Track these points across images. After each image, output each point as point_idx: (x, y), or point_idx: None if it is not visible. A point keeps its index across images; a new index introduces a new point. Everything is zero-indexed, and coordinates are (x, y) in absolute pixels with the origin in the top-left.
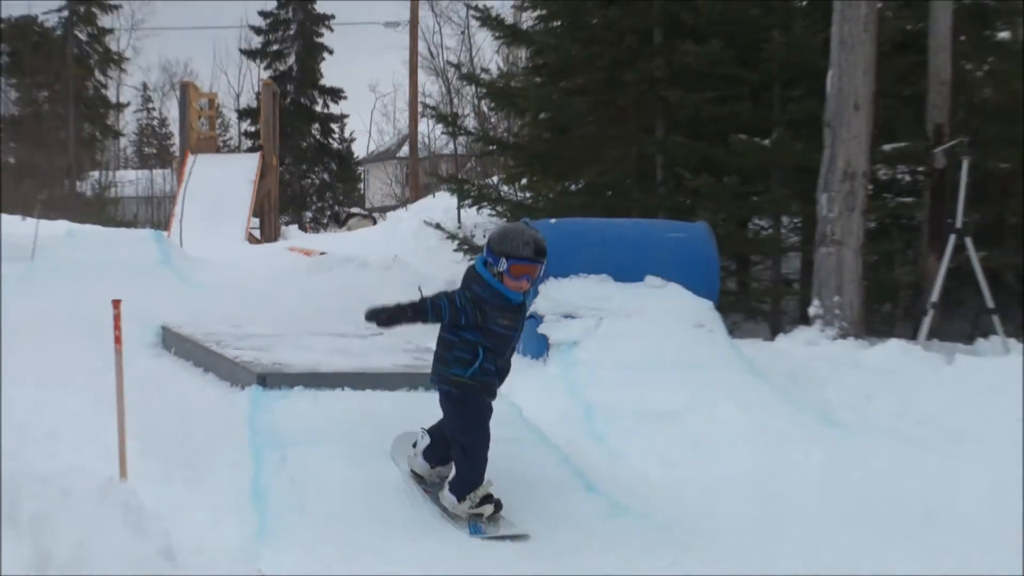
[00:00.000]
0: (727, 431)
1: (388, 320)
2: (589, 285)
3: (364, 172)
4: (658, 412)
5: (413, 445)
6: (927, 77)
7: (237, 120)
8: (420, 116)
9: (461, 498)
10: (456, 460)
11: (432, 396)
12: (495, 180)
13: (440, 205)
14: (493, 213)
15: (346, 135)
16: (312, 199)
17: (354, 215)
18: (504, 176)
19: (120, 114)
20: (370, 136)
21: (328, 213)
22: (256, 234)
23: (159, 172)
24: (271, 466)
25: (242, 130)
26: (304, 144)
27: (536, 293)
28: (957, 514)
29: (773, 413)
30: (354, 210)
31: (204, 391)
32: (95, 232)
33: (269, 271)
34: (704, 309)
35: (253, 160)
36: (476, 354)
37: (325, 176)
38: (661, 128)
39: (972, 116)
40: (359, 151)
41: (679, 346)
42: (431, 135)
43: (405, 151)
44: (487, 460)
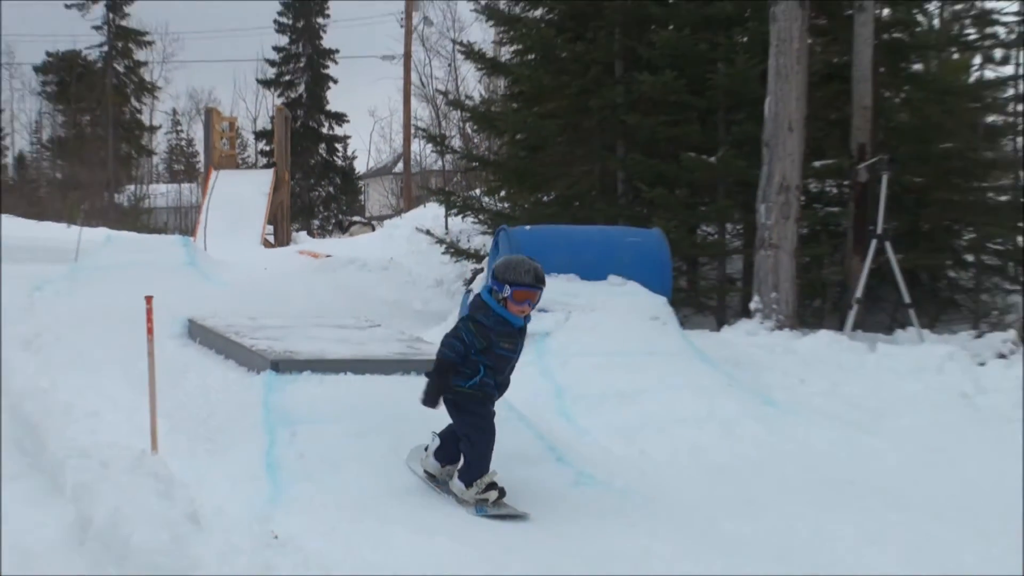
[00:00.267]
0: (679, 410)
1: (435, 399)
2: (559, 283)
3: (364, 186)
4: (619, 393)
5: (425, 448)
6: (851, 103)
7: (254, 140)
8: (413, 137)
9: (468, 485)
10: (464, 452)
11: (421, 379)
12: (478, 192)
13: (430, 214)
14: (476, 221)
15: (348, 153)
16: (319, 209)
17: (355, 223)
18: (485, 189)
19: (152, 135)
20: (369, 154)
21: (333, 221)
22: (270, 239)
23: (186, 186)
24: (283, 441)
25: (258, 149)
26: (312, 161)
27: None
28: (878, 482)
29: (719, 394)
30: (355, 218)
31: (224, 375)
32: (130, 237)
33: (281, 271)
34: (659, 304)
35: (267, 175)
36: (477, 370)
37: (330, 189)
38: (621, 147)
39: (890, 137)
40: (360, 167)
41: (638, 336)
42: (422, 153)
43: (400, 167)
44: (492, 452)
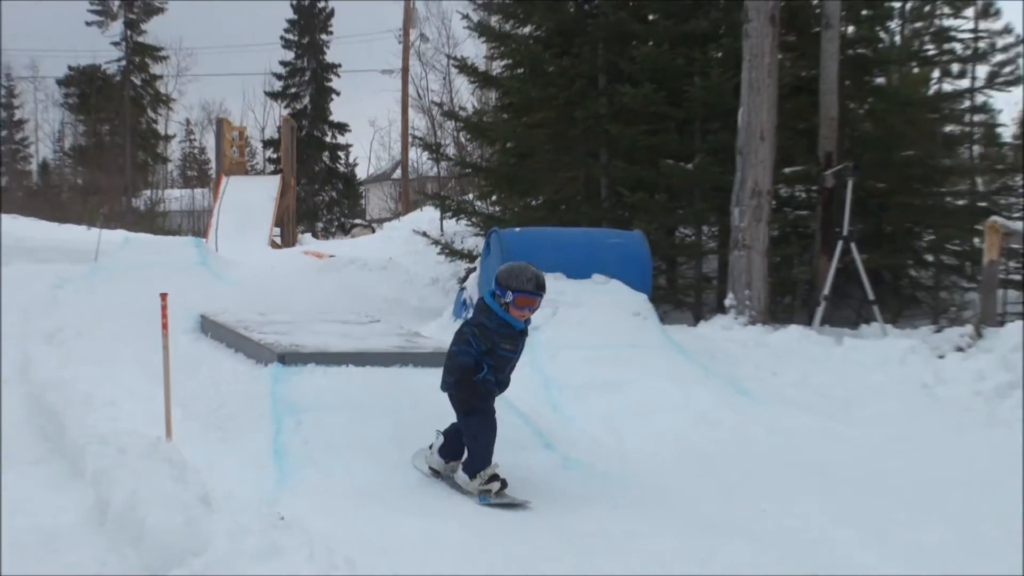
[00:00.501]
0: (659, 399)
1: (472, 400)
2: (551, 282)
3: (365, 190)
4: (603, 384)
5: (429, 447)
6: (819, 114)
7: (262, 149)
8: (410, 145)
9: (472, 476)
10: (468, 445)
11: (418, 371)
12: (471, 197)
13: (426, 217)
14: (469, 223)
15: (350, 161)
16: (323, 212)
17: (357, 225)
18: (478, 193)
19: (167, 144)
20: (370, 161)
21: (336, 224)
22: (277, 240)
23: (199, 191)
24: (289, 429)
25: (266, 156)
26: (316, 168)
27: None
28: (844, 466)
29: (696, 385)
30: (357, 221)
31: (234, 368)
32: (147, 239)
33: (287, 271)
34: (640, 301)
35: (275, 181)
36: (481, 369)
37: (333, 194)
38: (604, 155)
39: (855, 146)
40: (361, 173)
41: (620, 331)
42: (419, 160)
43: (398, 173)
44: (493, 445)
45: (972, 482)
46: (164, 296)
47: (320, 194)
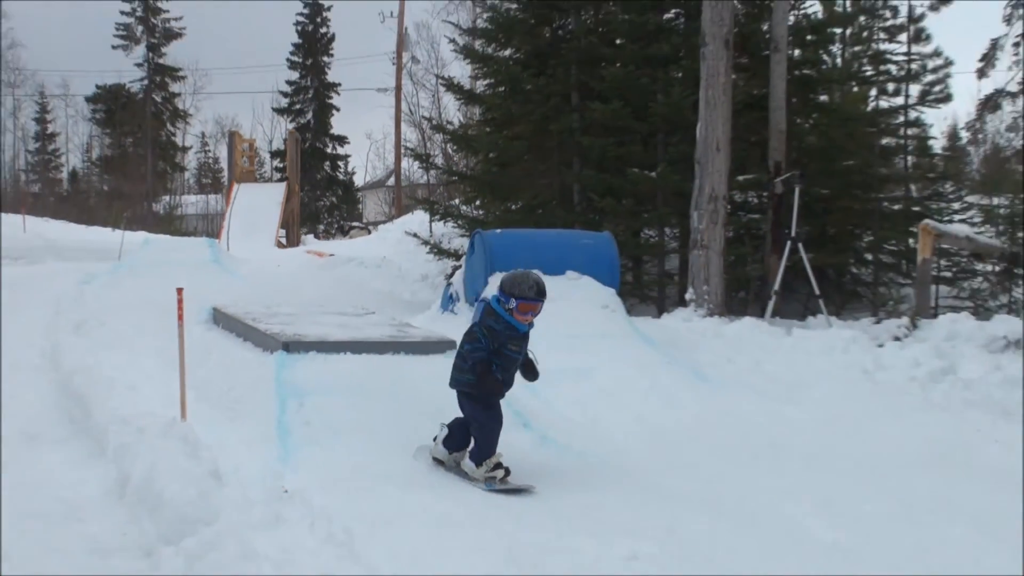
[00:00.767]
0: (626, 383)
1: (492, 389)
2: None
3: (362, 196)
4: (576, 370)
5: (434, 439)
6: (769, 128)
7: (270, 159)
8: (403, 155)
9: (478, 464)
10: (474, 435)
11: (409, 358)
12: (457, 201)
13: (417, 220)
14: (455, 226)
15: (349, 169)
16: (324, 215)
17: (354, 227)
18: (463, 199)
19: (184, 154)
20: (366, 170)
21: (335, 226)
22: (283, 241)
23: (212, 196)
24: (292, 410)
25: (273, 166)
26: (318, 176)
27: (487, 283)
28: (793, 444)
29: (659, 370)
30: (354, 224)
31: (243, 355)
32: (165, 239)
33: (292, 268)
34: (609, 295)
35: (281, 188)
36: (488, 365)
37: (333, 199)
38: (577, 164)
39: (801, 156)
40: (358, 181)
41: (591, 322)
42: (411, 169)
43: (392, 181)
44: (498, 436)
45: (907, 458)
46: (180, 291)
47: (321, 199)
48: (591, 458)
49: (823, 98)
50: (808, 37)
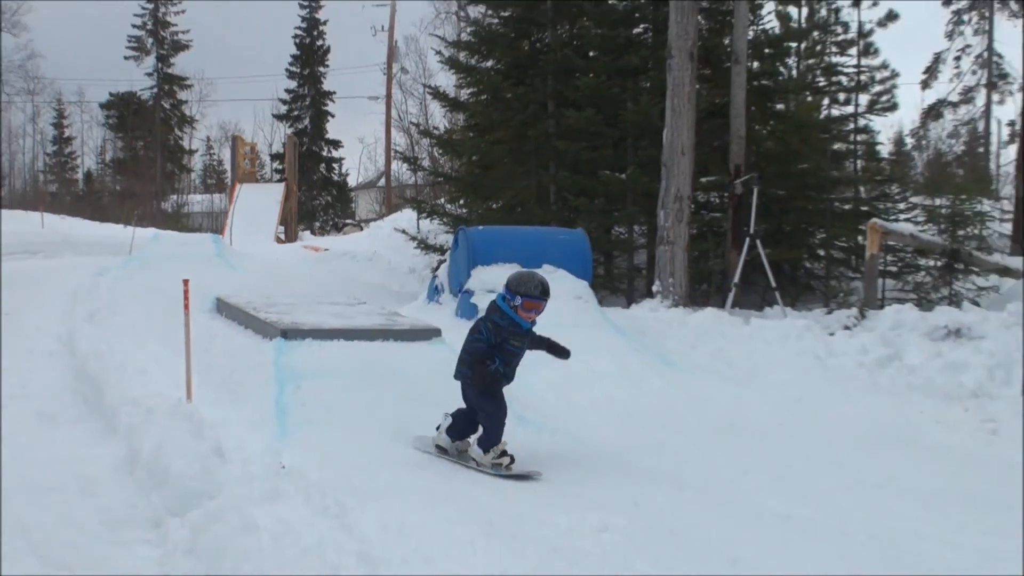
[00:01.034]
0: (598, 368)
1: (482, 381)
2: (504, 270)
3: (355, 196)
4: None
5: (437, 428)
6: (729, 134)
7: (270, 161)
8: (392, 158)
9: (486, 451)
10: (483, 423)
11: (398, 344)
12: (442, 201)
13: (405, 217)
14: (441, 223)
15: (343, 171)
16: (320, 213)
17: (348, 224)
18: (448, 198)
19: (191, 157)
20: (359, 171)
21: (330, 223)
22: (282, 236)
23: (217, 196)
24: (289, 392)
25: (273, 167)
26: (315, 177)
27: (469, 276)
28: (751, 424)
29: (628, 356)
30: (348, 221)
31: (244, 341)
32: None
33: (289, 261)
34: (582, 287)
35: (280, 188)
36: (493, 359)
37: (328, 198)
38: (553, 166)
39: (759, 160)
40: (351, 181)
41: (565, 312)
42: (400, 171)
43: (383, 182)
44: (504, 424)
45: (857, 437)
46: (186, 282)
47: (317, 198)
48: (565, 437)
49: (780, 107)
50: (766, 51)
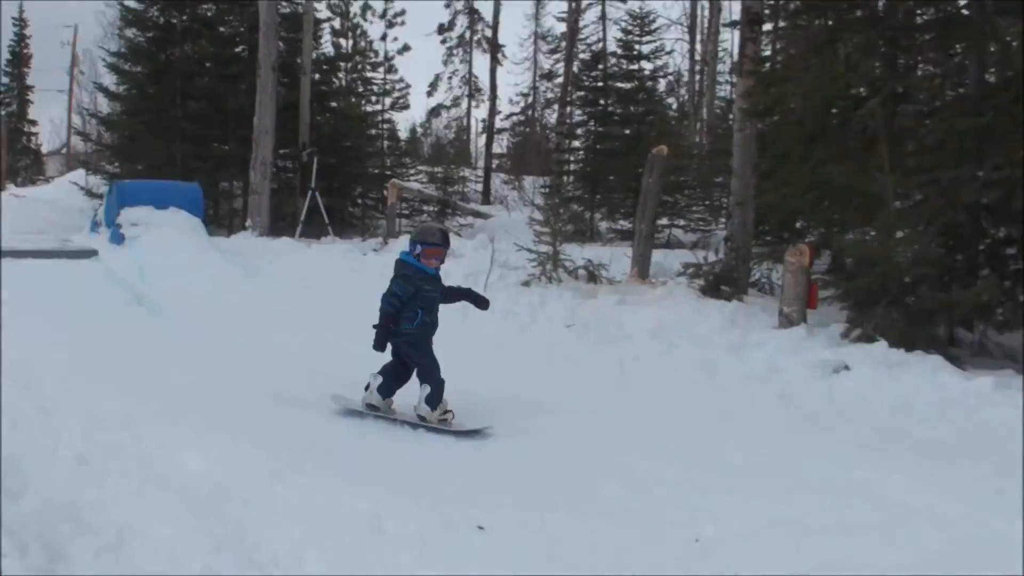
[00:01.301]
0: (207, 277)
1: (383, 344)
2: (144, 211)
3: (46, 159)
4: (174, 269)
5: (366, 388)
6: (299, 121)
7: None
8: (73, 134)
9: (434, 408)
10: (427, 381)
11: (70, 261)
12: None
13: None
14: (103, 178)
15: (38, 142)
16: (22, 172)
17: (40, 179)
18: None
19: None
20: (48, 142)
21: (29, 179)
22: None
23: None
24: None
25: None
26: (19, 146)
27: (119, 214)
28: (311, 312)
29: (226, 268)
30: (40, 177)
31: None
32: None
33: None
34: (196, 222)
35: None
36: (416, 313)
37: (28, 161)
38: (179, 140)
39: (320, 139)
40: (44, 149)
41: (184, 238)
42: (78, 142)
43: (65, 150)
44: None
45: (365, 317)
46: None
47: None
48: (183, 322)
49: (333, 104)
50: (324, 66)
